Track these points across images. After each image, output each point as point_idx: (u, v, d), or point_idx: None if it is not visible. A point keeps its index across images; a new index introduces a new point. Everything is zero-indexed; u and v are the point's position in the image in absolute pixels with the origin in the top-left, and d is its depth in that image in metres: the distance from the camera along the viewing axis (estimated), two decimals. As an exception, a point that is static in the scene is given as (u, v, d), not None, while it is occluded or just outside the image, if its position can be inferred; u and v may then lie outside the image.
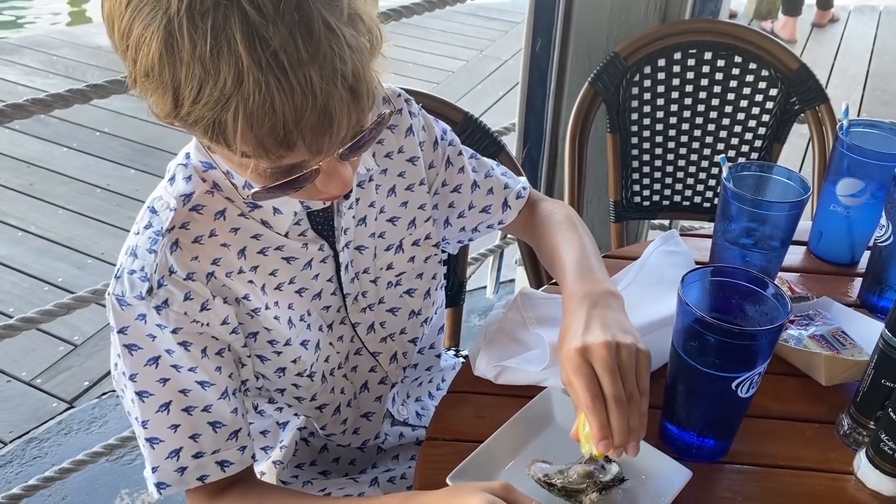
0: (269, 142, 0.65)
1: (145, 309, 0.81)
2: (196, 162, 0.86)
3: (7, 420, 2.26)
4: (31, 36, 5.20)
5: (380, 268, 1.02)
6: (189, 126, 0.67)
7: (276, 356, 0.93)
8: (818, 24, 5.28)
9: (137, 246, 0.83)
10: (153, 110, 0.69)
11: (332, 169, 0.73)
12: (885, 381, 0.86)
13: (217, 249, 0.85)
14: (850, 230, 1.21)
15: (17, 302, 2.71)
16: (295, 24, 0.62)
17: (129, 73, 0.69)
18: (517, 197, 1.14)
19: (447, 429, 0.95)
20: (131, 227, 0.87)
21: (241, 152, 0.66)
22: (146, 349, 0.83)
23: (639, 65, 1.70)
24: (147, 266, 0.81)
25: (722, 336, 0.80)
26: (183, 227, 0.83)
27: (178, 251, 0.82)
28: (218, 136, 0.65)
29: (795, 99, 1.68)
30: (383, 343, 1.05)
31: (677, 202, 1.84)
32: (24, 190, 3.38)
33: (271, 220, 0.87)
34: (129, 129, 3.85)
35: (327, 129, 0.66)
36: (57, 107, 1.39)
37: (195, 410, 0.86)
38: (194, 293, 0.83)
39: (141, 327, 0.82)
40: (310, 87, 0.63)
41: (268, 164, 0.68)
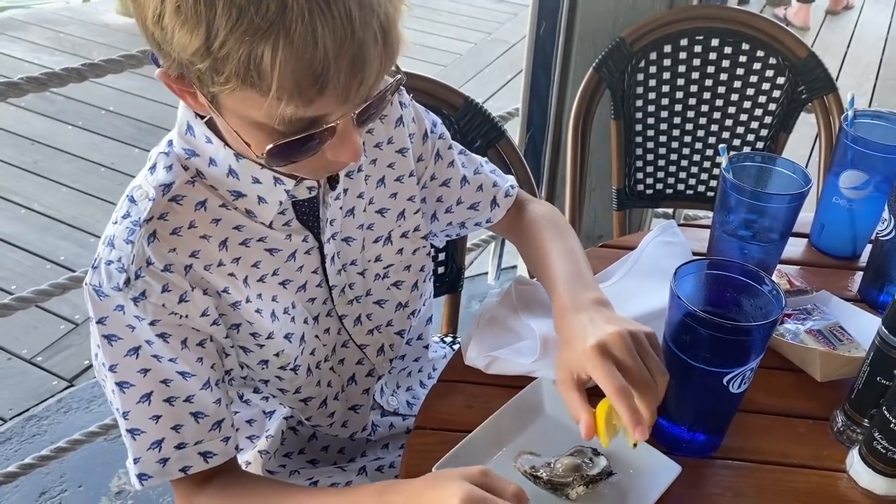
0: (305, 79, 0.64)
1: (123, 300, 0.80)
2: (178, 150, 0.84)
3: (7, 397, 2.27)
4: (39, 12, 5.19)
5: (367, 259, 1.00)
6: (216, 65, 0.64)
7: (258, 349, 0.92)
8: (832, 11, 5.21)
9: (115, 236, 0.81)
10: (174, 54, 0.66)
11: (346, 132, 0.73)
12: (880, 378, 0.85)
13: (196, 241, 0.83)
14: (852, 223, 1.19)
15: (19, 279, 2.71)
16: None
17: (152, 14, 0.65)
18: (505, 195, 1.12)
19: (435, 418, 0.95)
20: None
21: (274, 92, 0.64)
22: (126, 339, 0.82)
23: (644, 51, 1.67)
24: (124, 257, 0.79)
25: (713, 331, 0.79)
26: (161, 217, 0.81)
27: (156, 242, 0.80)
28: (251, 73, 0.63)
29: (803, 87, 1.66)
30: (370, 335, 1.04)
31: (681, 191, 1.82)
32: (29, 167, 3.38)
33: (255, 209, 0.85)
34: (134, 108, 3.84)
35: (359, 73, 0.66)
36: (52, 85, 1.37)
37: (177, 401, 0.84)
38: (172, 285, 0.81)
39: (120, 318, 0.81)
40: (349, 22, 0.63)
41: (294, 111, 0.67)
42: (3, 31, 4.67)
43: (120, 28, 4.74)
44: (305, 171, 0.79)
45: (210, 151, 0.82)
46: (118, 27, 4.75)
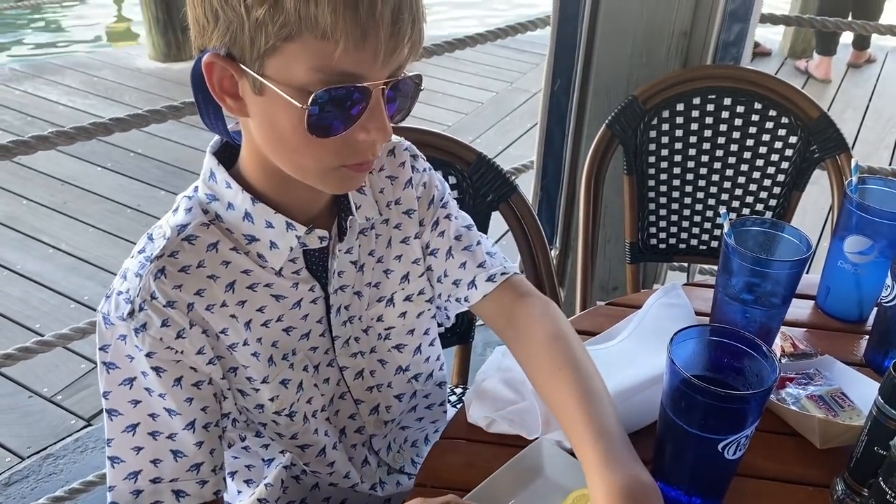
0: (354, 19, 0.71)
1: (126, 330, 0.84)
2: (201, 195, 0.89)
3: (27, 435, 2.31)
4: (74, 57, 5.35)
5: (371, 318, 1.03)
6: (275, 8, 0.71)
7: (254, 392, 0.94)
8: (854, 64, 5.22)
9: (128, 269, 0.86)
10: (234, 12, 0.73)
11: (377, 106, 0.78)
12: (877, 448, 0.85)
13: (202, 281, 0.87)
14: (857, 287, 1.20)
15: (43, 318, 2.77)
16: None
17: None
18: (488, 279, 1.04)
19: (436, 476, 0.96)
20: None
21: (327, 27, 0.71)
22: (123, 369, 0.85)
23: (657, 108, 1.70)
24: (132, 289, 0.84)
25: (707, 398, 0.80)
26: (172, 255, 0.85)
27: (162, 278, 0.84)
28: (308, 4, 0.70)
29: (815, 147, 1.67)
30: (368, 392, 1.05)
31: (694, 246, 1.83)
32: (58, 207, 3.47)
33: (267, 254, 0.89)
34: (161, 151, 3.93)
35: (395, 27, 0.74)
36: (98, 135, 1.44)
37: (160, 436, 0.87)
38: (172, 320, 0.85)
39: (121, 347, 0.85)
40: None
41: (340, 56, 0.72)
42: (39, 75, 4.83)
43: (152, 73, 4.87)
44: (332, 155, 0.81)
45: (229, 196, 0.87)
46: (150, 72, 4.89)
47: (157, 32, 4.95)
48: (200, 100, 0.84)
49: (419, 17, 0.78)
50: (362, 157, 0.83)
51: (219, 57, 0.77)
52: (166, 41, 4.96)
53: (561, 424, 0.90)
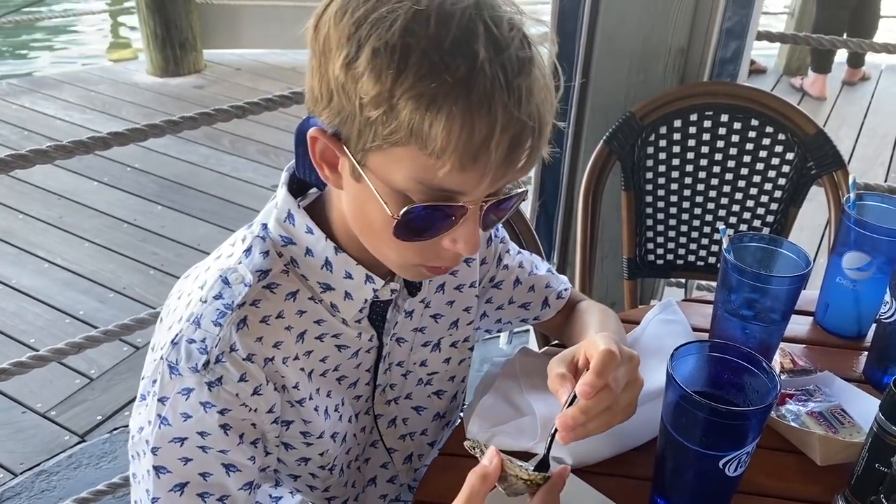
0: (468, 143, 0.68)
1: (194, 384, 0.79)
2: (275, 236, 0.84)
3: (20, 451, 2.29)
4: (71, 72, 5.36)
5: (413, 362, 1.01)
6: (389, 114, 0.68)
7: (304, 447, 0.91)
8: (849, 81, 5.25)
9: (202, 315, 0.80)
10: (349, 102, 0.70)
11: (471, 220, 0.75)
12: (878, 465, 0.85)
13: (281, 332, 0.83)
14: (856, 303, 1.20)
15: (38, 333, 2.75)
16: (521, 40, 0.70)
17: (343, 59, 0.69)
18: (557, 297, 1.14)
19: (435, 492, 0.95)
20: (191, 292, 0.84)
21: (437, 146, 0.68)
22: (175, 427, 0.80)
23: (654, 125, 1.71)
24: (209, 338, 0.78)
25: (708, 414, 0.80)
26: (254, 304, 0.81)
27: (244, 329, 0.80)
28: (423, 125, 0.67)
29: (812, 164, 1.68)
30: (401, 441, 1.04)
31: (691, 262, 1.83)
32: (54, 222, 3.45)
33: (340, 304, 0.86)
34: (158, 166, 3.93)
35: (512, 154, 0.70)
36: (97, 149, 1.43)
37: (210, 498, 0.82)
38: (250, 375, 0.80)
39: (180, 403, 0.79)
40: (521, 103, 0.69)
41: (444, 174, 0.69)
42: (38, 90, 4.83)
43: (149, 88, 4.88)
44: (416, 254, 0.79)
45: (309, 242, 0.83)
46: (147, 87, 4.90)
47: (155, 48, 4.96)
48: (300, 153, 0.83)
49: (541, 145, 0.74)
50: (444, 263, 0.81)
51: (324, 134, 0.74)
52: (164, 56, 4.97)
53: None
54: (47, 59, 6.14)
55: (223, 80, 5.01)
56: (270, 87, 4.77)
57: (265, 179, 3.83)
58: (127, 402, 2.46)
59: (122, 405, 2.45)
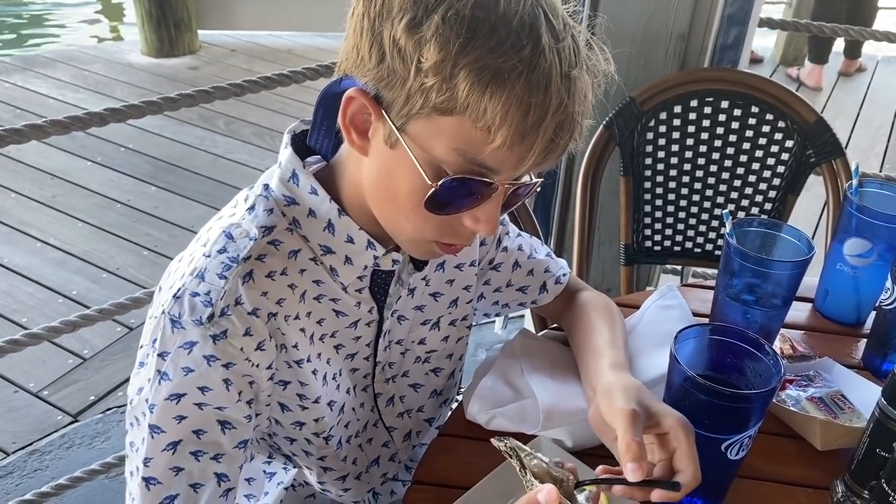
0: (520, 122, 0.68)
1: (198, 336, 0.77)
2: (278, 195, 0.83)
3: (12, 430, 2.28)
4: (65, 50, 5.31)
5: (412, 341, 1.00)
6: (447, 83, 0.67)
7: (300, 410, 0.90)
8: (845, 72, 5.25)
9: (206, 269, 0.78)
10: (406, 65, 0.69)
11: (495, 201, 0.76)
12: (879, 450, 0.85)
13: (284, 289, 0.82)
14: (856, 290, 1.20)
15: (30, 312, 2.74)
16: (572, 37, 0.72)
17: (409, 20, 0.68)
18: (556, 282, 1.14)
19: (434, 473, 0.95)
20: (192, 252, 0.82)
21: (489, 120, 0.68)
22: (174, 382, 0.78)
23: (655, 111, 1.70)
24: (214, 291, 0.77)
25: (711, 397, 0.79)
26: (259, 258, 0.80)
27: (250, 282, 0.79)
28: (481, 98, 0.67)
29: (811, 152, 1.68)
30: (400, 418, 1.03)
31: (689, 248, 1.83)
32: (46, 201, 3.43)
33: (340, 268, 0.85)
34: (152, 147, 3.90)
35: (557, 138, 0.71)
36: (93, 125, 1.41)
37: (203, 457, 0.80)
38: (255, 329, 0.79)
39: (181, 357, 0.78)
40: (573, 93, 0.71)
41: (491, 150, 0.70)
42: (30, 68, 4.78)
43: (144, 68, 4.84)
44: (434, 229, 0.78)
45: (312, 202, 0.83)
46: (142, 67, 4.85)
47: (150, 28, 4.92)
48: (320, 115, 0.83)
49: (577, 138, 0.75)
50: (460, 241, 0.81)
51: (365, 95, 0.73)
52: (159, 37, 4.92)
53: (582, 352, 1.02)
54: (39, 37, 6.08)
55: (218, 62, 4.97)
56: (265, 69, 4.72)
57: (259, 161, 3.81)
58: (120, 382, 2.45)
59: (116, 385, 2.44)
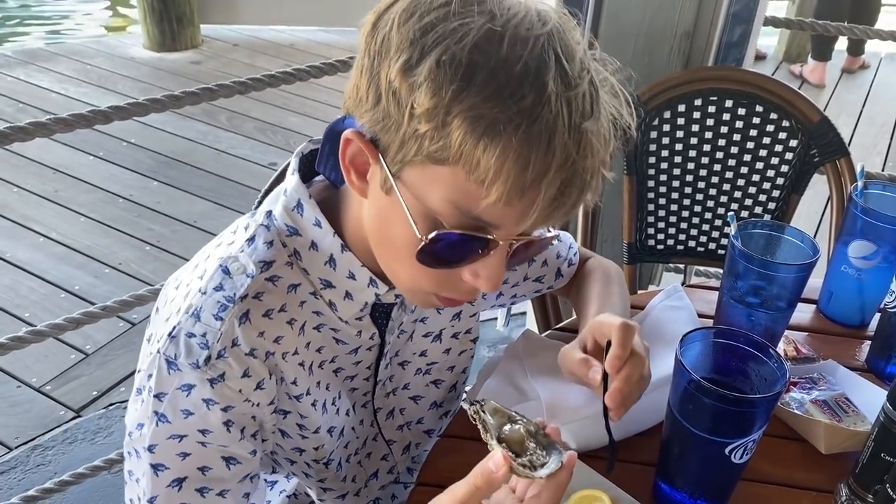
0: (519, 177, 0.63)
1: (195, 380, 0.75)
2: (281, 225, 0.80)
3: (14, 425, 2.28)
4: (67, 44, 5.30)
5: (412, 352, 0.98)
6: (441, 131, 0.63)
7: (300, 439, 0.89)
8: (848, 69, 5.24)
9: (202, 308, 0.76)
10: (399, 109, 0.65)
11: (498, 257, 0.71)
12: (884, 454, 0.85)
13: (282, 327, 0.80)
14: (860, 292, 1.20)
15: (33, 307, 2.74)
16: (589, 83, 0.66)
17: (404, 63, 0.64)
18: (569, 265, 1.14)
19: (438, 475, 0.94)
20: (189, 283, 0.80)
21: (483, 174, 0.63)
22: (174, 424, 0.76)
23: (658, 109, 1.70)
24: (210, 333, 0.75)
25: (716, 401, 0.79)
26: (256, 297, 0.77)
27: (247, 323, 0.76)
28: (475, 149, 0.63)
29: (815, 151, 1.67)
30: (399, 431, 1.03)
31: (692, 247, 1.82)
32: (49, 196, 3.43)
33: (339, 303, 0.83)
34: (155, 141, 3.90)
35: (562, 196, 0.66)
36: (98, 122, 1.41)
37: (209, 493, 0.79)
38: (253, 371, 0.77)
39: (179, 399, 0.76)
40: (581, 146, 0.65)
41: (487, 204, 0.65)
42: (32, 62, 4.77)
43: (146, 62, 4.83)
44: (431, 282, 0.75)
45: (315, 235, 0.80)
46: (144, 61, 4.85)
47: (152, 22, 4.91)
48: (326, 150, 0.80)
49: (591, 192, 0.69)
50: (459, 296, 0.76)
51: (361, 138, 0.70)
52: (161, 31, 4.92)
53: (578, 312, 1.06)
54: (41, 31, 6.07)
55: (220, 56, 4.96)
56: (267, 64, 4.73)
57: (262, 157, 3.81)
58: (123, 377, 2.45)
59: (118, 381, 2.44)
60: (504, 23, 0.64)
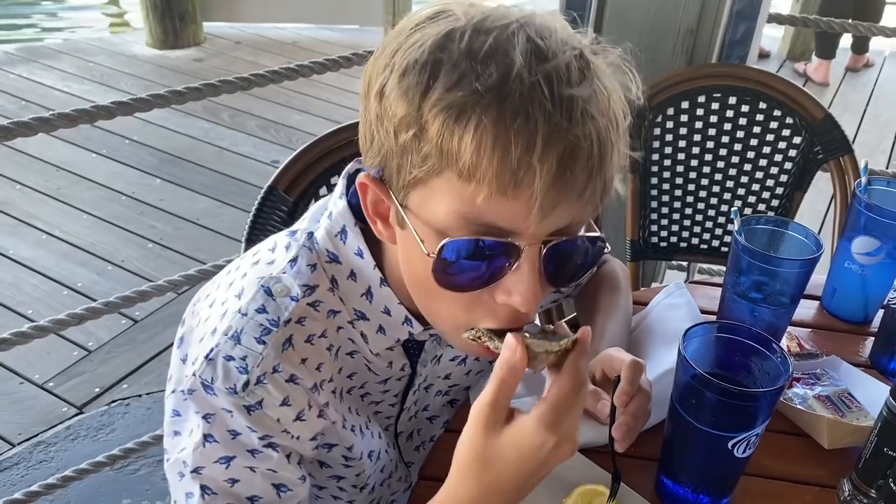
0: (505, 162, 0.60)
1: (231, 406, 0.72)
2: (322, 249, 0.78)
3: (17, 422, 2.29)
4: (70, 42, 5.31)
5: (437, 375, 0.96)
6: (419, 137, 0.62)
7: (342, 467, 0.87)
8: (852, 68, 5.23)
9: (242, 331, 0.73)
10: (383, 131, 0.65)
11: (528, 266, 0.65)
12: (887, 449, 0.85)
13: (323, 353, 0.77)
14: (864, 288, 1.19)
15: (36, 304, 2.74)
16: (574, 56, 0.63)
17: (378, 88, 0.65)
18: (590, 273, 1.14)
19: (442, 469, 0.93)
20: (224, 301, 0.76)
21: (468, 166, 0.60)
22: (222, 445, 0.73)
23: (662, 106, 1.70)
24: (250, 357, 0.72)
25: (719, 395, 0.79)
26: (299, 321, 0.74)
27: (290, 349, 0.73)
28: (452, 143, 0.60)
29: (819, 148, 1.67)
30: (416, 452, 1.02)
31: (695, 245, 1.82)
32: (52, 193, 3.43)
33: (371, 336, 0.80)
34: (157, 139, 3.90)
35: (564, 177, 0.61)
36: (101, 118, 1.41)
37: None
38: (293, 399, 0.74)
39: (225, 420, 0.73)
40: (568, 112, 0.60)
41: (484, 202, 0.61)
42: (35, 59, 4.78)
43: (148, 60, 4.84)
44: (464, 311, 0.70)
45: (356, 265, 0.78)
46: (147, 59, 4.85)
47: (155, 19, 4.91)
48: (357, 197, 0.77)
49: (604, 170, 0.63)
50: (499, 323, 0.70)
51: (370, 178, 0.69)
52: (163, 28, 4.92)
53: None
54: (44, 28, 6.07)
55: (223, 54, 4.97)
56: (270, 62, 4.73)
57: (265, 154, 3.81)
58: (125, 374, 2.46)
59: (121, 378, 2.44)
60: (468, 21, 0.63)
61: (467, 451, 0.70)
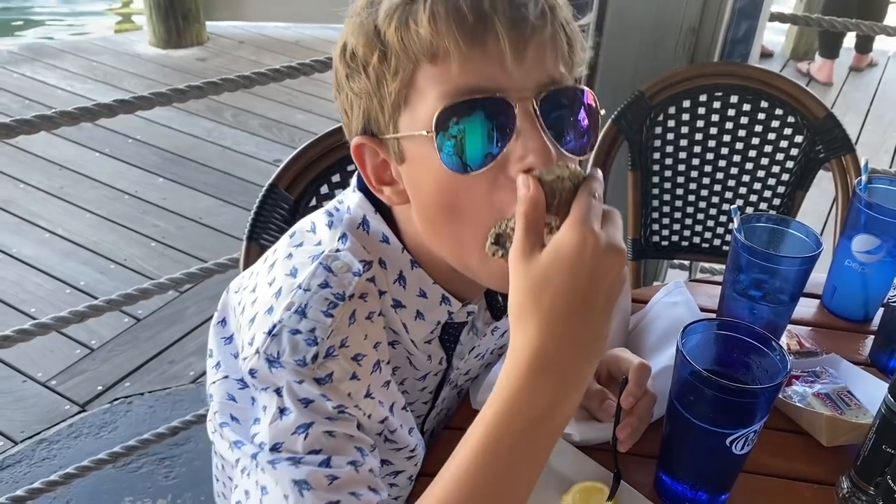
0: (463, 23, 0.63)
1: (302, 377, 0.69)
2: (375, 228, 0.77)
3: (20, 420, 2.29)
4: (73, 41, 5.32)
5: (462, 373, 0.96)
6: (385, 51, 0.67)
7: (403, 461, 0.84)
8: (856, 67, 5.22)
9: (308, 305, 0.70)
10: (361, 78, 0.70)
11: (527, 123, 0.66)
12: (885, 447, 0.85)
13: (380, 332, 0.75)
14: (864, 287, 1.19)
15: (39, 303, 2.75)
16: None
17: (345, 52, 0.71)
18: None
19: (442, 464, 0.94)
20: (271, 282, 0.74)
21: (428, 35, 0.64)
22: (297, 413, 0.69)
23: (663, 105, 1.70)
24: (319, 329, 0.69)
25: (717, 391, 0.79)
26: (362, 297, 0.73)
27: (355, 324, 0.71)
28: (408, 27, 0.65)
29: (821, 147, 1.67)
30: None
31: (696, 244, 1.82)
32: (55, 192, 3.44)
33: (410, 324, 0.79)
34: (160, 138, 3.91)
35: (522, 22, 0.64)
36: (103, 115, 1.41)
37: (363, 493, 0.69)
38: (361, 375, 0.71)
39: (296, 390, 0.69)
40: None
41: (459, 72, 0.64)
42: (39, 58, 4.79)
43: (151, 59, 4.84)
44: (489, 212, 0.68)
45: (384, 252, 0.77)
46: (150, 58, 4.86)
47: (158, 18, 4.92)
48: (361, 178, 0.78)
49: (556, 10, 0.67)
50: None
51: (361, 136, 0.72)
52: (167, 27, 4.93)
53: None
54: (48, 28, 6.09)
55: (225, 53, 4.97)
56: (273, 61, 4.71)
57: (267, 153, 3.82)
58: (127, 372, 2.46)
59: (123, 376, 2.45)
60: None
61: (514, 293, 0.63)
